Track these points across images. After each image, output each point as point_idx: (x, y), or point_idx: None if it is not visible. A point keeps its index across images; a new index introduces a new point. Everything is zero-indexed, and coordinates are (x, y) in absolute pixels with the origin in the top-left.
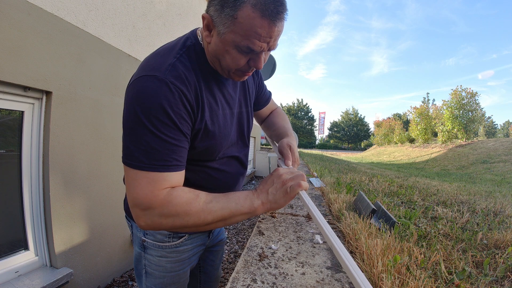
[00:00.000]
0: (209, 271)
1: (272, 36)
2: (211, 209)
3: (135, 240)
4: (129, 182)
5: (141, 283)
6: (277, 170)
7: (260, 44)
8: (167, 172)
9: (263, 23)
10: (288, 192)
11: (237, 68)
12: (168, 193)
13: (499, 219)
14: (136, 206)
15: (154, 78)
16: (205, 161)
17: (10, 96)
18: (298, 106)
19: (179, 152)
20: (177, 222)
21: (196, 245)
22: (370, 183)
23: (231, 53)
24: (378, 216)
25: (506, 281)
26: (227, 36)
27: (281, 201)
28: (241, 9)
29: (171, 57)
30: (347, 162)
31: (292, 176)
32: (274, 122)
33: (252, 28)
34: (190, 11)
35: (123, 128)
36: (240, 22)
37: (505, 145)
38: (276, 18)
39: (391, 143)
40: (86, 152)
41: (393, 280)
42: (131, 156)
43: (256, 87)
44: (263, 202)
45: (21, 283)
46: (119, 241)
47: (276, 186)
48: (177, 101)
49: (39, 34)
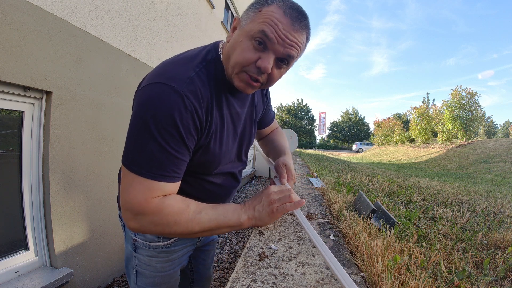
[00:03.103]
0: (201, 271)
1: (288, 37)
2: (199, 220)
3: (127, 239)
4: (125, 184)
5: (131, 282)
6: (268, 188)
7: (274, 32)
8: (164, 182)
9: (283, 18)
10: (274, 212)
11: (244, 66)
12: (160, 201)
13: (499, 219)
14: (128, 210)
15: (171, 89)
16: (200, 174)
17: (10, 96)
18: (298, 106)
19: (180, 164)
20: (166, 230)
21: (186, 246)
22: (370, 183)
23: (243, 44)
24: (378, 216)
25: (506, 281)
26: (246, 27)
27: (266, 219)
28: (267, 6)
29: (191, 70)
30: (347, 162)
31: (280, 197)
32: (273, 140)
33: (271, 17)
34: (190, 11)
35: (129, 129)
36: (263, 13)
37: (505, 145)
38: (296, 20)
39: (391, 143)
40: (86, 152)
41: (393, 280)
42: (132, 160)
43: (264, 107)
44: (249, 217)
45: (21, 283)
46: (119, 241)
47: (263, 204)
48: (188, 116)
49: (39, 34)
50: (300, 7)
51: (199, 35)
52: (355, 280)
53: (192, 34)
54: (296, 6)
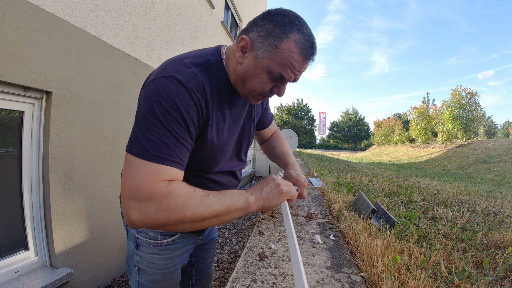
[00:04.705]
0: (201, 269)
1: (301, 71)
2: (208, 203)
3: (129, 237)
4: (130, 172)
5: (133, 279)
6: (271, 176)
7: (291, 74)
8: (170, 166)
9: (299, 58)
10: (283, 193)
11: (260, 92)
12: (168, 184)
13: (499, 219)
14: (133, 197)
15: (177, 81)
16: (201, 171)
17: (10, 96)
18: (298, 106)
19: (184, 152)
20: (174, 216)
21: (187, 243)
22: (370, 183)
23: (261, 77)
24: (378, 216)
25: (506, 281)
26: (264, 61)
27: (274, 200)
28: (285, 42)
29: (194, 67)
30: (347, 162)
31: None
32: (275, 147)
33: (289, 59)
34: (190, 11)
35: (135, 119)
36: (281, 52)
37: (505, 145)
38: (309, 58)
39: (391, 143)
40: (86, 152)
41: (393, 280)
42: (139, 145)
43: (263, 109)
44: (257, 198)
45: (21, 283)
46: (119, 241)
47: (271, 186)
48: (192, 107)
49: (39, 34)
50: (313, 39)
51: (199, 35)
52: (355, 280)
53: (192, 34)
54: (311, 39)
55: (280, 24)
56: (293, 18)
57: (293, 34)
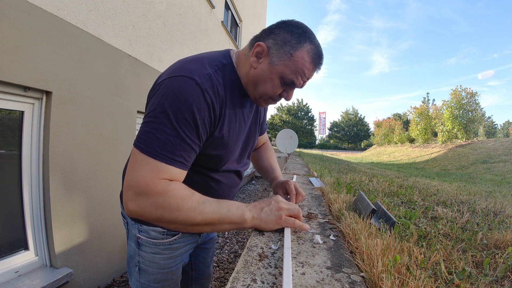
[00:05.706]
0: (201, 269)
1: (309, 78)
2: (203, 210)
3: (130, 237)
4: (133, 165)
5: (134, 279)
6: (277, 196)
7: (300, 80)
8: (172, 166)
9: (310, 66)
10: (281, 219)
11: (271, 96)
12: (166, 184)
13: (499, 219)
14: (131, 189)
15: (193, 82)
16: (208, 169)
17: (10, 96)
18: (298, 106)
19: (189, 153)
20: (166, 215)
21: (188, 243)
22: (370, 183)
23: (274, 82)
24: (378, 216)
25: (506, 281)
26: (278, 67)
27: (271, 224)
28: (299, 51)
29: (209, 68)
30: (347, 162)
31: (289, 208)
32: (264, 158)
33: (301, 67)
34: (190, 11)
35: (146, 115)
36: (295, 60)
37: (505, 145)
38: (317, 67)
39: (391, 143)
40: (86, 152)
41: (393, 280)
42: (146, 141)
43: (264, 114)
44: (254, 216)
45: (21, 283)
46: (119, 241)
47: (272, 208)
48: (205, 108)
49: (39, 34)
50: (322, 50)
51: (199, 35)
52: (355, 280)
53: (192, 34)
54: (320, 50)
55: (296, 35)
56: (306, 29)
57: (307, 44)
